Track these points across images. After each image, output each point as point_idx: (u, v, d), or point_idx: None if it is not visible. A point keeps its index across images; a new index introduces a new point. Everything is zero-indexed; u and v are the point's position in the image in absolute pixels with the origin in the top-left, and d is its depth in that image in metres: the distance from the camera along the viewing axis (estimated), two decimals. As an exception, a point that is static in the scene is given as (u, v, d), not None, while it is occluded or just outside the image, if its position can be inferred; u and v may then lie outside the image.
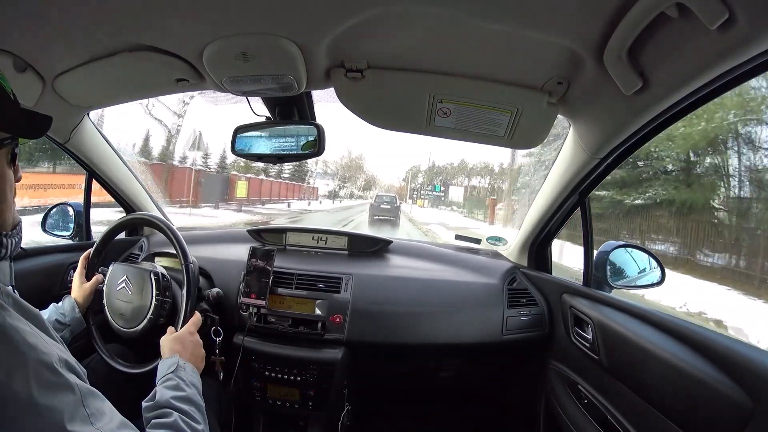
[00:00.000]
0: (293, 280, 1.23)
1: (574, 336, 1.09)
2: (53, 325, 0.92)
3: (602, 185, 1.35)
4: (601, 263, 1.13)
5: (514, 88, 0.88)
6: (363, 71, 0.88)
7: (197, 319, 0.93)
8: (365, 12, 0.68)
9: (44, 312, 0.97)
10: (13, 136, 0.53)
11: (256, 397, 1.21)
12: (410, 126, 1.05)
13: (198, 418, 0.65)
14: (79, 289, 1.02)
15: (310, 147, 1.07)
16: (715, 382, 0.65)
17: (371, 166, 52.20)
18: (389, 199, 18.37)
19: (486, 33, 0.72)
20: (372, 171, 47.29)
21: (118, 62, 0.87)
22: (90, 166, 1.34)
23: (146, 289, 0.99)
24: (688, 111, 0.73)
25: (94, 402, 0.48)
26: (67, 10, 0.70)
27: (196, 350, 0.84)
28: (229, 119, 1.38)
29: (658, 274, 1.14)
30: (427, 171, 43.62)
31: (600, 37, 0.67)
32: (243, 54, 0.80)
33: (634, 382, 0.86)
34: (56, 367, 0.46)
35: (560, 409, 1.13)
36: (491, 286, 1.30)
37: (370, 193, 41.51)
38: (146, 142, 18.06)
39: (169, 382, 0.70)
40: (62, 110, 1.07)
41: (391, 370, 1.35)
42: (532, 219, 1.31)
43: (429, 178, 42.19)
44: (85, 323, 1.00)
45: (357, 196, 41.30)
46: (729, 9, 0.50)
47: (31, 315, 0.52)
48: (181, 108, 12.92)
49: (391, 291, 1.25)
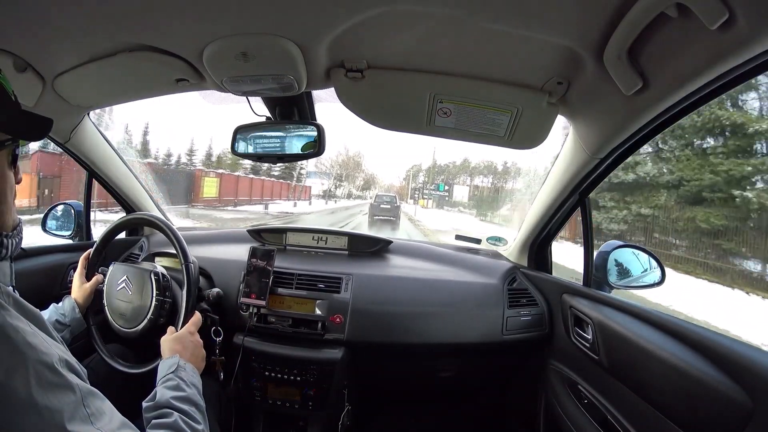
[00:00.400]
0: (293, 280, 1.23)
1: (574, 336, 1.09)
2: (53, 326, 0.92)
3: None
4: (601, 263, 1.13)
5: (514, 88, 0.88)
6: (363, 71, 0.88)
7: (197, 320, 0.93)
8: (365, 12, 0.68)
9: (44, 312, 0.97)
10: (13, 137, 0.53)
11: (256, 397, 1.21)
12: (410, 126, 1.05)
13: (198, 418, 0.65)
14: (79, 290, 1.02)
15: (310, 147, 1.07)
16: (715, 382, 0.65)
17: (371, 164, 50.12)
18: (389, 199, 18.32)
19: (486, 33, 0.72)
20: (371, 170, 45.75)
21: (118, 62, 0.87)
22: (90, 166, 1.34)
23: (146, 289, 0.99)
24: (688, 111, 0.73)
25: (95, 402, 0.48)
26: (67, 11, 0.70)
27: (196, 350, 0.84)
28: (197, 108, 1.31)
29: (658, 274, 1.14)
30: (428, 170, 41.09)
31: (600, 37, 0.67)
32: (243, 54, 0.80)
33: (634, 382, 0.86)
34: (56, 366, 0.46)
35: (560, 409, 1.13)
36: (491, 286, 1.30)
37: (369, 192, 40.06)
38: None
39: (169, 382, 0.70)
40: (62, 110, 1.08)
41: (391, 370, 1.35)
42: (532, 219, 1.31)
43: (431, 177, 39.40)
44: (86, 323, 1.00)
45: (355, 195, 39.73)
46: (729, 9, 0.50)
47: (32, 315, 0.52)
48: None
49: (392, 291, 1.25)
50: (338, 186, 37.38)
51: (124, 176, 1.45)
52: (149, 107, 20.90)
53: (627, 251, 1.17)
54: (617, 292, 1.12)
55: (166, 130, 31.66)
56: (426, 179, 40.62)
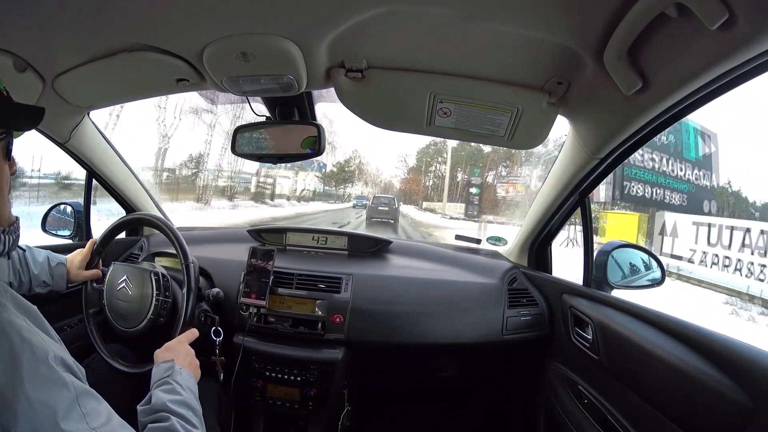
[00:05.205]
0: (293, 280, 1.23)
1: (574, 336, 1.09)
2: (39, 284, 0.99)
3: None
4: (601, 263, 1.13)
5: (514, 88, 0.88)
6: (363, 71, 0.88)
7: (192, 334, 0.90)
8: (365, 12, 0.68)
9: (39, 253, 1.01)
10: (7, 131, 0.54)
11: (256, 397, 1.21)
12: (410, 126, 1.05)
13: (195, 423, 0.63)
14: (76, 269, 1.04)
15: (310, 146, 1.07)
16: (715, 382, 0.65)
17: (363, 154, 34.83)
18: (387, 201, 18.28)
19: (486, 33, 0.72)
20: (364, 159, 32.57)
21: (118, 62, 0.86)
22: (90, 166, 1.34)
23: (146, 289, 0.99)
24: (688, 111, 0.73)
25: (90, 402, 0.48)
26: (67, 11, 0.70)
27: (188, 357, 0.81)
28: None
29: (658, 274, 1.14)
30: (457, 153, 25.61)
31: (600, 37, 0.67)
32: (243, 54, 0.80)
33: (634, 382, 0.86)
34: (50, 362, 0.46)
35: (560, 409, 1.13)
36: (491, 286, 1.30)
37: (351, 190, 29.43)
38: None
39: (165, 385, 0.68)
40: (62, 110, 1.08)
41: (392, 370, 1.35)
42: (532, 219, 1.31)
43: (464, 164, 24.57)
44: (86, 323, 1.01)
45: (338, 196, 28.07)
46: (729, 9, 0.50)
47: (29, 311, 0.52)
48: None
49: (391, 291, 1.25)
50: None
51: (124, 176, 1.45)
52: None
53: (627, 251, 1.17)
54: (618, 291, 1.12)
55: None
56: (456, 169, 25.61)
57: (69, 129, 1.18)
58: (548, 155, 7.57)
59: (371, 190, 30.32)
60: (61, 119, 1.13)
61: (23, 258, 0.97)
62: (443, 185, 26.47)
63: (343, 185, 30.62)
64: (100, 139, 1.31)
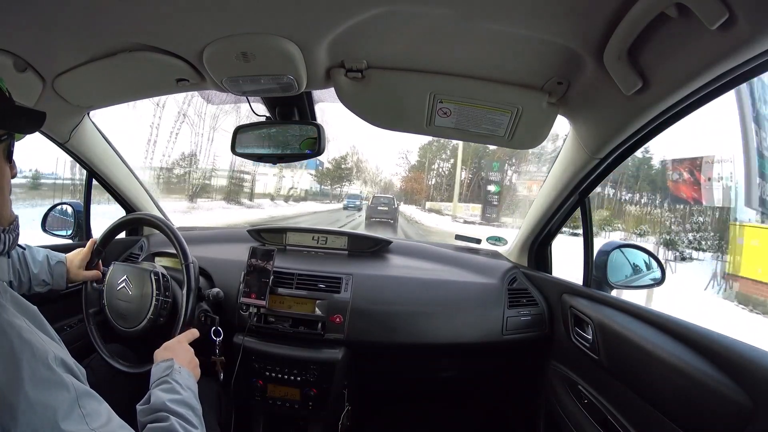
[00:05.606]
0: (293, 280, 1.23)
1: (574, 336, 1.09)
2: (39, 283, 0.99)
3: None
4: (601, 263, 1.13)
5: (514, 88, 0.88)
6: (363, 71, 0.88)
7: (192, 334, 0.89)
8: (365, 12, 0.68)
9: (38, 251, 1.01)
10: (8, 132, 0.54)
11: (256, 397, 1.21)
12: (410, 126, 1.05)
13: (195, 422, 0.62)
14: (76, 269, 1.04)
15: (309, 146, 1.07)
16: (715, 382, 0.65)
17: (361, 151, 33.99)
18: (386, 201, 18.36)
19: (486, 33, 0.72)
20: (362, 156, 32.04)
21: (118, 62, 0.87)
22: (90, 166, 1.34)
23: (146, 289, 0.99)
24: (688, 111, 0.73)
25: (90, 403, 0.48)
26: (66, 11, 0.70)
27: (187, 357, 0.80)
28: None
29: (658, 274, 1.14)
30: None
31: (600, 37, 0.67)
32: (243, 54, 0.80)
33: (635, 382, 0.86)
34: (50, 363, 0.46)
35: (560, 409, 1.13)
36: (491, 286, 1.30)
37: (347, 189, 27.96)
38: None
39: (164, 384, 0.67)
40: (62, 110, 1.08)
41: (391, 370, 1.35)
42: (533, 219, 1.31)
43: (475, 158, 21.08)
44: (86, 323, 1.01)
45: (330, 195, 26.53)
46: (729, 9, 0.50)
47: (29, 312, 0.52)
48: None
49: (391, 291, 1.25)
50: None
51: (124, 176, 1.45)
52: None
53: (627, 251, 1.17)
54: (618, 291, 1.12)
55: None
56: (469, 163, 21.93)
57: (69, 129, 1.18)
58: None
59: (371, 189, 29.54)
60: (61, 119, 1.13)
61: (23, 257, 0.97)
62: (448, 183, 23.57)
63: (340, 184, 29.05)
64: (99, 139, 1.31)
